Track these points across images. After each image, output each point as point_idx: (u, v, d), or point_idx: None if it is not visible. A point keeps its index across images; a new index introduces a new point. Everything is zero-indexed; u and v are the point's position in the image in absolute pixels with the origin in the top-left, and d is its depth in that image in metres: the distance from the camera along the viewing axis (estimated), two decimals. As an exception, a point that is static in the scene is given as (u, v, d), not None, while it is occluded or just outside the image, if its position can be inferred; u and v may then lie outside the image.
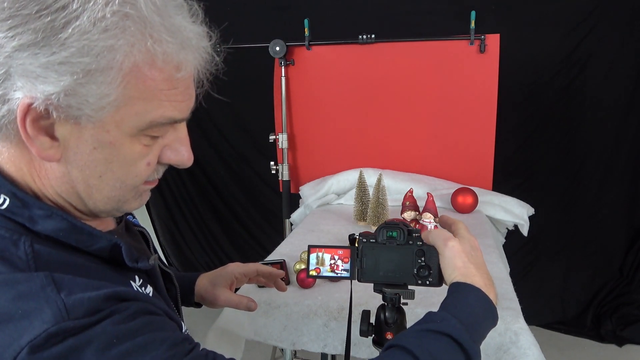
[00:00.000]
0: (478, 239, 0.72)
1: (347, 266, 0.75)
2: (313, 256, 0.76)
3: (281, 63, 2.37)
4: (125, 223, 0.70)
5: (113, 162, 0.52)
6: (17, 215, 0.51)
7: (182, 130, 0.57)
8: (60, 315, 0.44)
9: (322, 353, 1.17)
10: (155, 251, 0.75)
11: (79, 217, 0.56)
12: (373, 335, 0.77)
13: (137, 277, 0.59)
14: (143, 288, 0.59)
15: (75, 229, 0.53)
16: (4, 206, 0.50)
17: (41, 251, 0.49)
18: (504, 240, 2.11)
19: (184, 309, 0.84)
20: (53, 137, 0.49)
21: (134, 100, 0.49)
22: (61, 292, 0.45)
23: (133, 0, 0.47)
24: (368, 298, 1.12)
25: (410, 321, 0.72)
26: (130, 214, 0.73)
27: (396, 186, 2.10)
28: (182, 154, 0.57)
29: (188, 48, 0.51)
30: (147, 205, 3.10)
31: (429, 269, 0.71)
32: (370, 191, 1.78)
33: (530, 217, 2.06)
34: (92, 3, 0.45)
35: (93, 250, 0.54)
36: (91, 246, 0.54)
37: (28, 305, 0.44)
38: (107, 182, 0.54)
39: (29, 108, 0.47)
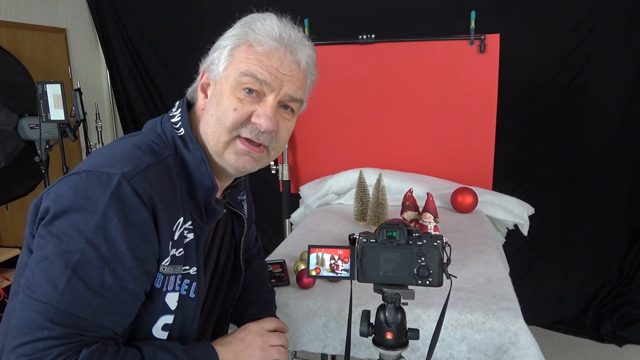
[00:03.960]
0: (478, 239, 0.73)
1: (347, 266, 0.75)
2: (313, 256, 0.76)
3: (281, 63, 2.36)
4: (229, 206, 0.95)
5: (218, 105, 0.80)
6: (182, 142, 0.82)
7: (269, 104, 0.80)
8: (129, 174, 0.69)
9: (322, 353, 1.17)
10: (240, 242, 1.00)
11: (210, 154, 0.83)
12: (373, 335, 0.77)
13: (194, 217, 0.79)
14: (186, 231, 0.77)
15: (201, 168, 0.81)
16: (180, 133, 0.82)
17: (170, 161, 0.77)
18: (504, 240, 2.11)
19: None
20: (206, 94, 0.84)
21: (235, 61, 0.80)
22: (144, 180, 0.70)
23: (251, 21, 0.82)
24: (368, 298, 1.12)
25: (410, 321, 0.72)
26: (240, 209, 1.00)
27: (396, 186, 2.10)
28: (261, 118, 0.79)
29: (278, 41, 0.80)
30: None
31: (428, 269, 0.71)
32: (370, 191, 1.78)
33: (530, 217, 2.06)
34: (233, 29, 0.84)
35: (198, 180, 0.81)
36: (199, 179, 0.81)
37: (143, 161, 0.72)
38: (212, 119, 0.80)
39: (202, 75, 0.85)
